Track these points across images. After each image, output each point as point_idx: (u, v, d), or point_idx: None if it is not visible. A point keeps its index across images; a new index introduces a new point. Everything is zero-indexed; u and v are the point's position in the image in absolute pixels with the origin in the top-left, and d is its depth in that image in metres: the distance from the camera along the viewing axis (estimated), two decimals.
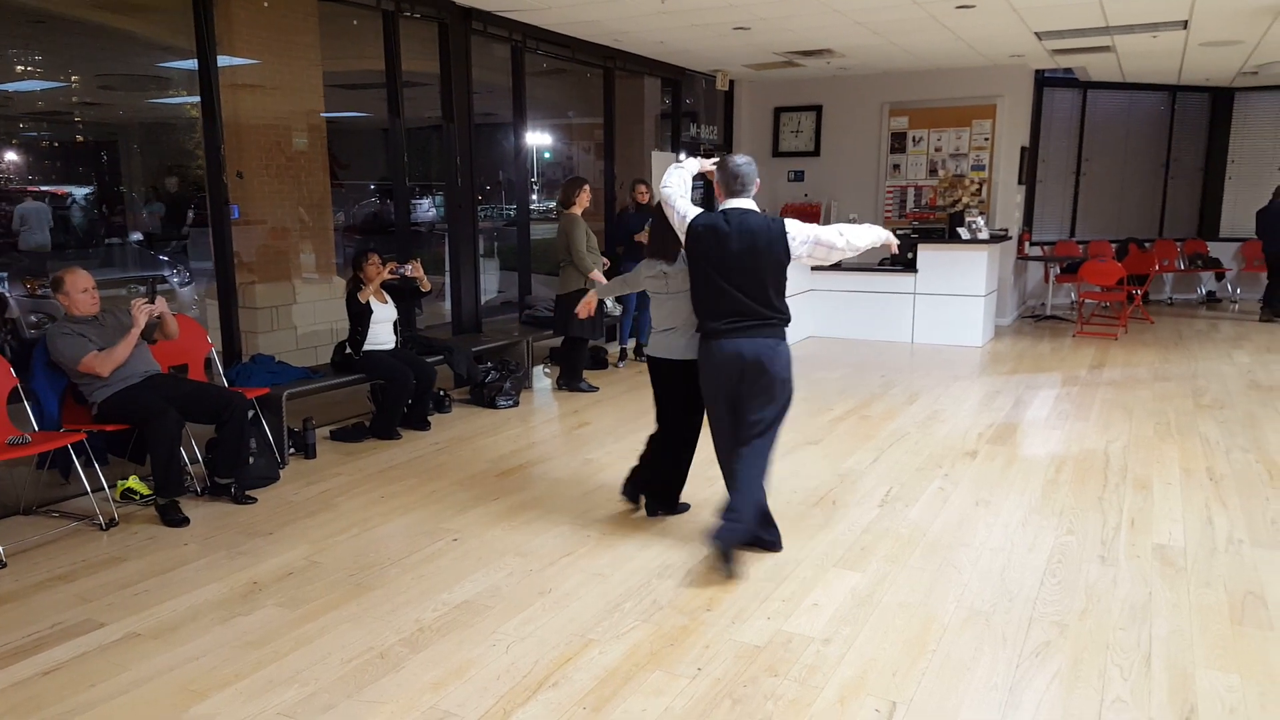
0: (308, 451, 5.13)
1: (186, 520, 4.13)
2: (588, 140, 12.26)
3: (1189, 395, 6.50)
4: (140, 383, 4.30)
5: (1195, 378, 7.09)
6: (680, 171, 3.78)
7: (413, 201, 11.04)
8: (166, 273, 8.35)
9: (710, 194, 3.81)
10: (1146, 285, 10.18)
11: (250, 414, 4.50)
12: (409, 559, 3.70)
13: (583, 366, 6.91)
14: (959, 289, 8.68)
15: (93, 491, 4.17)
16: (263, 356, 5.48)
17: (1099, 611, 3.20)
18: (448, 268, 7.39)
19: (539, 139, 13.14)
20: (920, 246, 8.76)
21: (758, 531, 3.70)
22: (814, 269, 8.91)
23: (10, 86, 8.59)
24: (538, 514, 4.20)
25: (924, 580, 3.46)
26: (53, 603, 3.34)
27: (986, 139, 9.88)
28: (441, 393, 6.12)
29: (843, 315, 9.20)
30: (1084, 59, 9.10)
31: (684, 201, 3.69)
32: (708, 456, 4.00)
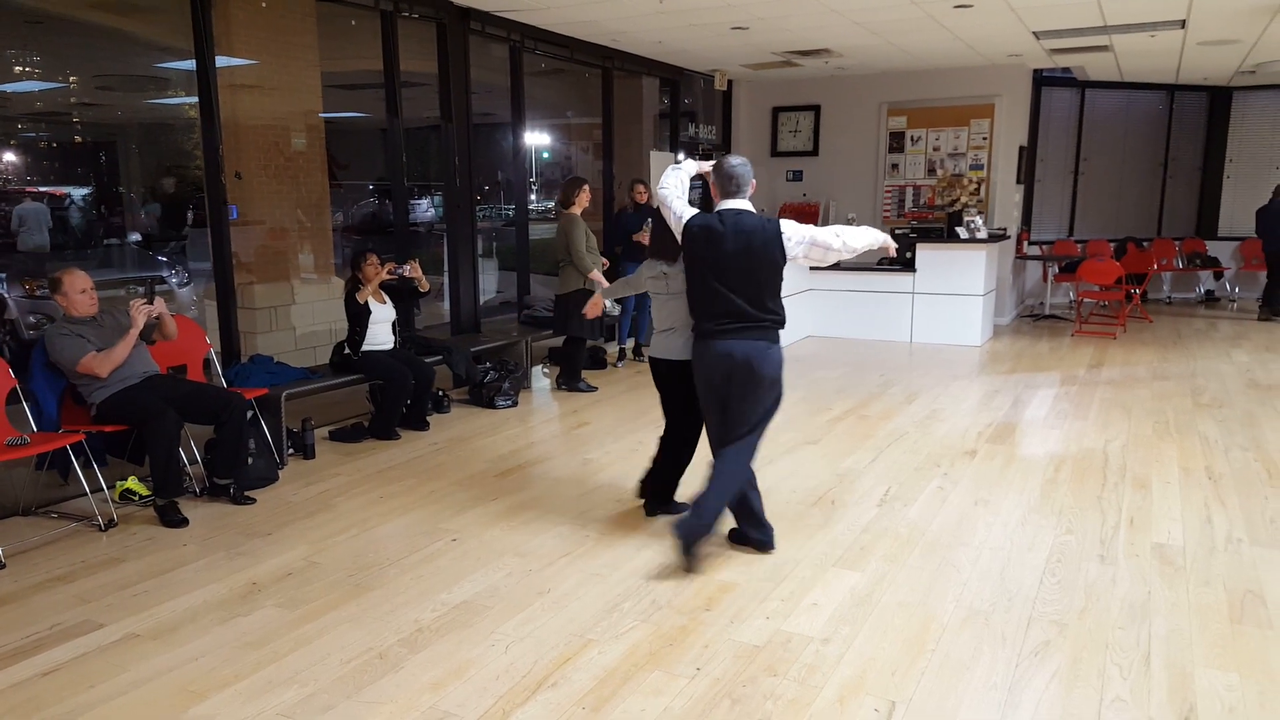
0: (306, 452, 5.13)
1: (185, 521, 4.13)
2: (586, 140, 12.26)
3: (1188, 394, 6.51)
4: (139, 383, 4.30)
5: (1194, 377, 7.09)
6: (678, 173, 3.80)
7: (411, 202, 11.04)
8: (165, 273, 8.34)
9: (708, 195, 3.81)
10: (1145, 284, 10.19)
11: (249, 414, 4.50)
12: (408, 559, 3.70)
13: (581, 366, 6.91)
14: (958, 288, 8.68)
15: (92, 492, 4.17)
16: (261, 357, 5.48)
17: (1098, 611, 3.20)
18: (446, 268, 7.39)
19: (537, 139, 13.14)
20: (919, 246, 8.77)
21: (746, 530, 3.73)
22: (812, 269, 8.91)
23: (8, 87, 8.58)
24: (537, 514, 4.21)
25: (923, 580, 3.47)
26: (52, 604, 3.33)
27: (985, 138, 9.88)
28: (440, 393, 6.11)
29: (841, 315, 9.20)
30: (1082, 58, 9.10)
31: (680, 202, 3.71)
32: (708, 456, 3.99)
